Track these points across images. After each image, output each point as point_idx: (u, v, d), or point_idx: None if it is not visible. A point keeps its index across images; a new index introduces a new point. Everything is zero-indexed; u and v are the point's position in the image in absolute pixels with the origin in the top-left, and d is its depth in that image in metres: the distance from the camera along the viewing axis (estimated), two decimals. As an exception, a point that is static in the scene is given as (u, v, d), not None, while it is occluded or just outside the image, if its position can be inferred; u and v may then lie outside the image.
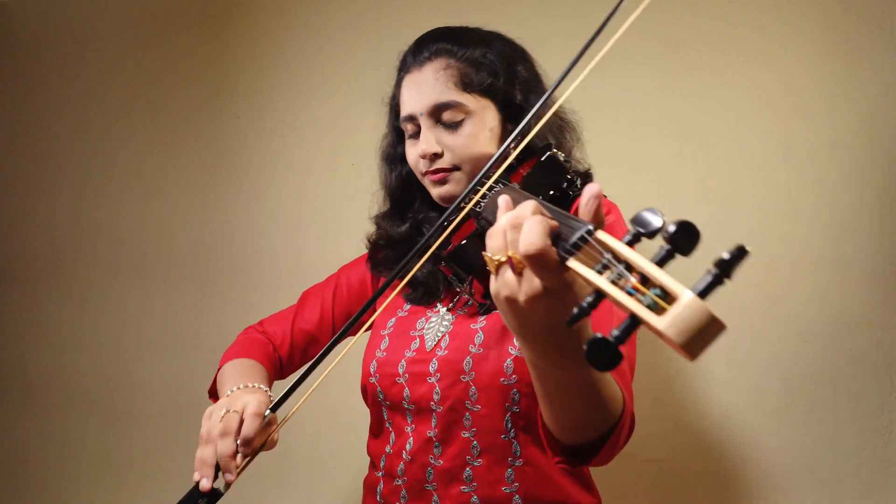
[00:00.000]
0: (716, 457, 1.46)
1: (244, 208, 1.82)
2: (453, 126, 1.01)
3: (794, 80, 1.45)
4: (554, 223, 0.57)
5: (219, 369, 1.12)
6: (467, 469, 0.96)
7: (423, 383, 0.98)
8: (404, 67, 1.07)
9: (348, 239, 1.23)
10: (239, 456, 0.85)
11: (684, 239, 0.50)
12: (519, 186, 0.91)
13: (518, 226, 0.58)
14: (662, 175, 1.52)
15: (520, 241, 0.55)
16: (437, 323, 1.03)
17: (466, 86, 1.01)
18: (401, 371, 1.00)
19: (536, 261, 0.55)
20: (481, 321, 0.99)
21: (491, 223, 0.82)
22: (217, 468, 0.86)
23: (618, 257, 0.50)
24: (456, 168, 1.03)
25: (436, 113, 1.01)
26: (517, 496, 0.96)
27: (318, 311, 1.20)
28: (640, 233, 0.52)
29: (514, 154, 0.90)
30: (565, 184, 0.97)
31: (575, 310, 0.51)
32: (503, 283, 0.59)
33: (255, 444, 0.85)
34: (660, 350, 1.46)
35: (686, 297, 0.45)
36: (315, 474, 1.70)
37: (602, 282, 0.49)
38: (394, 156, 1.15)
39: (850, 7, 1.43)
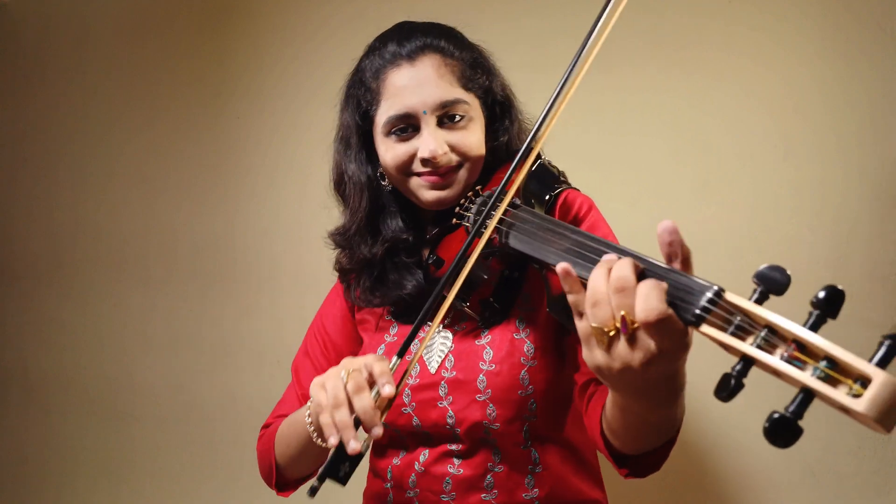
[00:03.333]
0: (716, 457, 1.46)
1: (245, 209, 1.82)
2: (457, 125, 0.95)
3: (794, 80, 1.45)
4: (664, 284, 0.55)
5: (272, 458, 1.00)
6: (488, 476, 0.94)
7: (434, 408, 0.94)
8: (386, 59, 0.96)
9: (348, 239, 1.22)
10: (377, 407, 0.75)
11: (832, 303, 0.48)
12: (520, 201, 0.90)
13: (623, 289, 0.55)
14: (662, 175, 1.52)
15: (637, 308, 0.53)
16: (436, 343, 0.98)
17: (464, 85, 0.96)
18: (406, 400, 0.96)
19: (659, 327, 0.53)
20: (486, 336, 0.95)
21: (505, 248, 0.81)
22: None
23: (754, 320, 0.49)
24: (459, 166, 0.96)
25: (441, 109, 0.93)
26: (537, 502, 0.95)
27: (316, 373, 1.07)
28: (767, 292, 0.51)
29: (526, 168, 0.87)
30: (556, 188, 0.96)
31: (732, 384, 0.49)
32: (616, 357, 0.58)
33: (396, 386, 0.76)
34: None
35: (881, 377, 0.44)
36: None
37: (756, 351, 0.48)
38: (360, 159, 1.03)
39: (850, 7, 1.43)
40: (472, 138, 0.97)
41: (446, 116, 0.95)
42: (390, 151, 0.96)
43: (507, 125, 1.03)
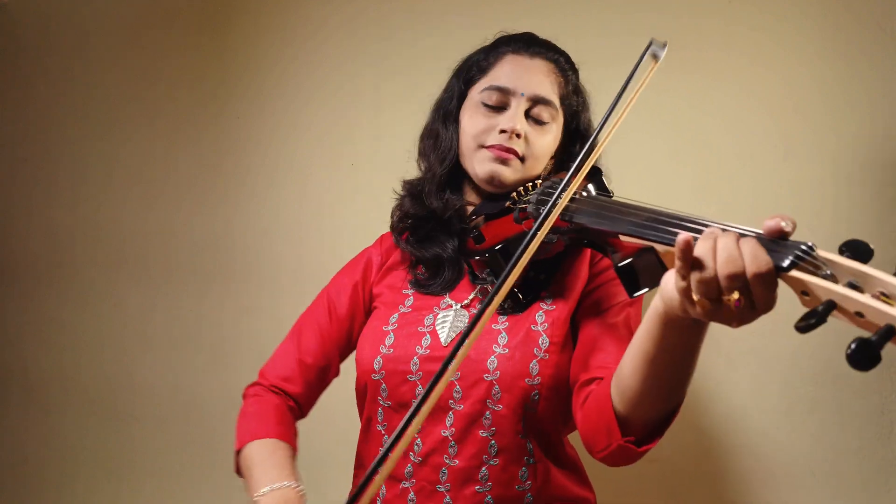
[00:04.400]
0: (716, 457, 1.46)
1: (244, 208, 1.82)
2: (540, 124, 1.04)
3: (794, 80, 1.45)
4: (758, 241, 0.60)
5: (240, 446, 1.06)
6: (483, 469, 0.95)
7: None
8: (510, 46, 1.07)
9: (348, 239, 1.23)
10: None
11: None
12: (577, 193, 0.93)
13: (735, 275, 0.59)
14: (662, 174, 1.52)
15: (748, 263, 0.58)
16: (451, 319, 1.01)
17: (562, 100, 1.06)
18: (413, 369, 0.98)
19: (766, 278, 0.58)
20: (503, 321, 0.99)
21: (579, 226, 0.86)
22: None
23: (842, 270, 0.55)
24: (522, 159, 1.03)
25: (534, 103, 1.03)
26: (529, 494, 0.97)
27: (318, 341, 1.12)
28: (852, 257, 0.57)
29: (588, 165, 0.90)
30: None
31: (812, 320, 0.53)
32: (715, 314, 0.62)
33: None
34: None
35: None
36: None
37: (845, 290, 0.53)
38: (452, 118, 1.10)
39: (850, 7, 1.43)
40: (544, 142, 1.05)
41: (534, 113, 1.03)
42: (474, 118, 1.05)
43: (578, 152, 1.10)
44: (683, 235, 0.61)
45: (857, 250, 0.57)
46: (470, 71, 1.09)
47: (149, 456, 1.81)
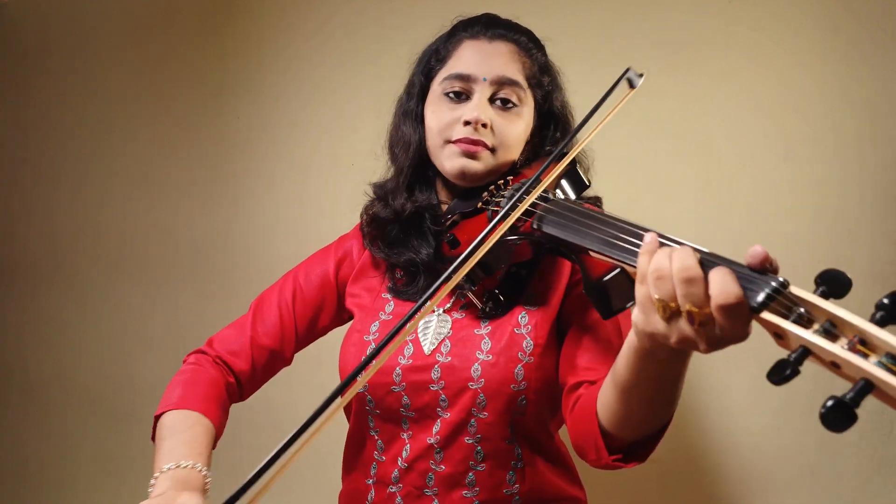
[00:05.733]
0: (715, 457, 1.46)
1: (245, 208, 1.82)
2: (506, 108, 0.99)
3: (794, 81, 1.45)
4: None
5: (159, 412, 1.00)
6: (470, 474, 0.94)
7: (426, 391, 0.95)
8: (468, 31, 1.02)
9: (348, 239, 1.23)
10: None
11: None
12: (552, 195, 0.92)
13: (692, 280, 0.57)
14: (662, 175, 1.52)
15: (715, 292, 0.55)
16: (433, 326, 0.98)
17: (528, 80, 1.01)
18: (396, 380, 0.96)
19: (732, 311, 0.54)
20: (485, 326, 0.96)
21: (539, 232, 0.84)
22: None
23: (816, 312, 0.51)
24: (492, 150, 0.98)
25: (498, 86, 0.98)
26: (517, 497, 0.96)
27: (277, 321, 1.08)
28: (828, 292, 0.53)
29: (563, 164, 0.90)
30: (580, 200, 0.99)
31: (787, 371, 0.50)
32: (675, 330, 0.59)
33: None
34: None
35: None
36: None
37: (818, 339, 0.49)
38: (415, 115, 1.05)
39: (850, 7, 1.43)
40: (514, 129, 0.99)
41: (500, 97, 0.98)
42: (437, 112, 1.00)
43: (556, 137, 1.06)
44: (651, 234, 0.62)
45: (834, 283, 0.53)
46: (429, 62, 1.05)
47: (149, 456, 1.79)
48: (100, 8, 1.96)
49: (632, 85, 0.94)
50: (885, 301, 0.50)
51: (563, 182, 0.96)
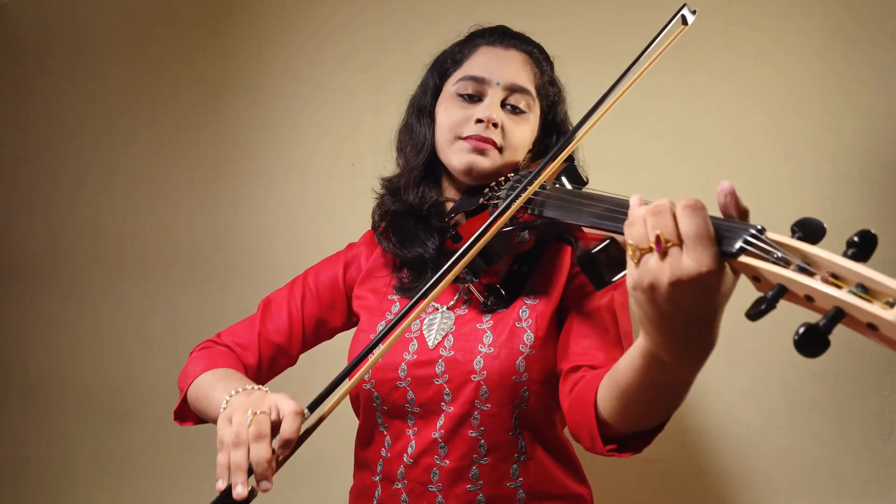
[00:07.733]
0: (716, 457, 1.46)
1: (244, 208, 1.82)
2: (517, 113, 1.03)
3: (794, 80, 1.45)
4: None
5: (185, 389, 1.00)
6: (474, 468, 0.96)
7: (430, 385, 0.97)
8: (485, 38, 1.07)
9: (348, 239, 1.23)
10: (273, 461, 0.73)
11: (867, 247, 0.53)
12: (549, 186, 0.93)
13: (660, 212, 0.57)
14: (662, 174, 1.52)
15: (682, 224, 0.55)
16: (437, 321, 1.01)
17: (538, 90, 1.06)
18: (402, 375, 0.98)
19: (699, 242, 0.55)
20: (487, 321, 0.99)
21: (543, 217, 0.86)
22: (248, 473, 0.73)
23: (791, 252, 0.53)
24: (500, 149, 1.02)
25: (511, 92, 1.02)
26: (521, 491, 0.97)
27: (286, 319, 1.10)
28: (804, 237, 0.54)
29: (561, 158, 0.90)
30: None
31: (763, 306, 0.50)
32: (645, 271, 0.58)
33: (293, 447, 0.74)
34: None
35: None
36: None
37: (794, 274, 0.50)
38: (426, 112, 1.09)
39: (850, 7, 1.43)
40: (522, 133, 1.04)
41: (510, 103, 1.03)
42: (450, 110, 1.04)
43: (554, 144, 1.10)
44: (636, 196, 0.64)
45: (809, 229, 0.55)
46: (444, 64, 1.09)
47: (149, 456, 1.81)
48: (100, 8, 1.96)
49: (685, 22, 0.96)
50: (856, 238, 0.53)
51: (563, 178, 0.98)
